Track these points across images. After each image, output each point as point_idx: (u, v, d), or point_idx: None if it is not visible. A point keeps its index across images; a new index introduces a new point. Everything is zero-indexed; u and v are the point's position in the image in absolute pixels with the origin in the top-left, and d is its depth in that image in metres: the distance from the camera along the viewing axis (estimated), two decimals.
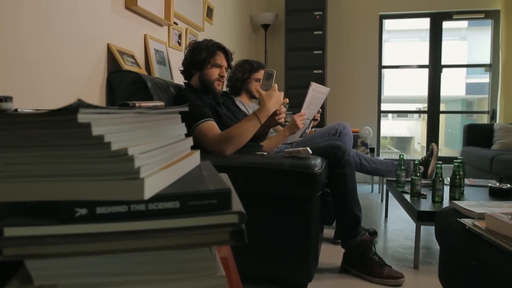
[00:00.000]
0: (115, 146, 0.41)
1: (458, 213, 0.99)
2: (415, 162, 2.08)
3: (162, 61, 2.11)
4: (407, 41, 7.61)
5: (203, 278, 0.44)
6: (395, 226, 2.44)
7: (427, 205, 1.78)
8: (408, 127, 8.93)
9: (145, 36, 1.97)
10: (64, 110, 0.39)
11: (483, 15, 4.00)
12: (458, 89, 7.74)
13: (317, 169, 1.33)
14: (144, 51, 1.98)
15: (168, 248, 0.42)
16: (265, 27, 4.07)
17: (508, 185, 1.94)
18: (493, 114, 3.99)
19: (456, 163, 1.85)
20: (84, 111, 0.39)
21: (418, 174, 1.96)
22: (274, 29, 4.22)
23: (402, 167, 2.25)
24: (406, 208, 1.91)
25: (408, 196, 1.94)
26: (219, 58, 1.77)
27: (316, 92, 1.91)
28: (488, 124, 3.85)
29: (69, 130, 0.40)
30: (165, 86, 1.76)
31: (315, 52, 3.77)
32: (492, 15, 3.98)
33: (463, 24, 7.57)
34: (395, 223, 2.52)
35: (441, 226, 1.06)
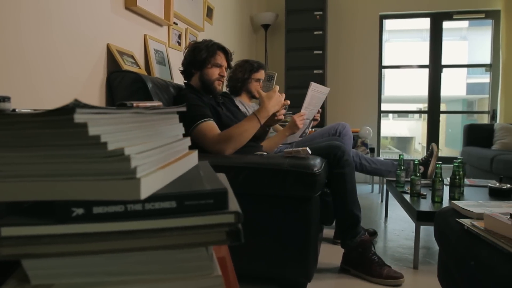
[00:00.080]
0: (112, 146, 0.41)
1: (457, 213, 0.99)
2: (415, 162, 2.08)
3: (162, 61, 2.11)
4: (408, 41, 7.61)
5: (200, 278, 0.44)
6: (395, 226, 2.44)
7: (427, 205, 1.77)
8: (409, 127, 8.93)
9: (145, 36, 1.97)
10: (61, 110, 0.39)
11: (483, 15, 4.00)
12: (459, 89, 7.73)
13: (317, 169, 1.33)
14: (144, 51, 1.98)
15: (165, 248, 0.43)
16: (265, 27, 4.07)
17: (508, 185, 1.94)
18: (494, 114, 3.98)
19: (456, 163, 1.85)
20: (81, 111, 0.39)
21: (418, 174, 1.96)
22: (274, 29, 4.22)
23: (402, 167, 2.25)
24: (406, 208, 1.91)
25: (408, 196, 1.94)
26: (219, 58, 1.77)
27: (316, 92, 1.91)
28: (489, 124, 3.84)
29: (66, 130, 0.40)
30: (165, 86, 1.76)
31: (315, 52, 3.77)
32: (493, 15, 3.97)
33: (464, 24, 7.56)
34: (395, 223, 2.52)
35: (440, 226, 1.06)
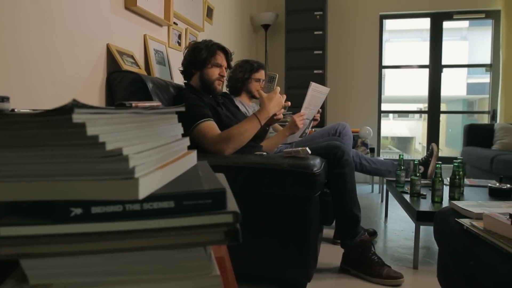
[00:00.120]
0: (110, 146, 0.41)
1: (457, 213, 0.99)
2: (415, 162, 2.08)
3: (162, 61, 2.11)
4: (408, 41, 7.61)
5: (198, 278, 0.44)
6: (395, 226, 2.44)
7: (427, 205, 1.77)
8: (409, 127, 8.93)
9: (145, 36, 1.97)
10: (59, 110, 0.39)
11: (484, 15, 3.99)
12: (459, 89, 7.73)
13: (316, 169, 1.33)
14: (144, 51, 1.98)
15: (163, 248, 0.43)
16: (265, 27, 4.07)
17: (508, 185, 1.94)
18: (494, 114, 3.98)
19: (456, 163, 1.85)
20: (79, 111, 0.39)
21: (418, 174, 1.96)
22: (275, 29, 4.22)
23: (402, 167, 2.24)
24: (406, 208, 1.91)
25: (408, 196, 1.94)
26: (220, 58, 1.77)
27: (316, 92, 1.91)
28: (489, 124, 3.84)
29: (64, 130, 0.40)
30: (165, 86, 1.76)
31: (315, 52, 3.77)
32: (493, 15, 3.97)
33: (464, 24, 7.56)
34: (395, 223, 2.52)
35: (440, 226, 1.06)
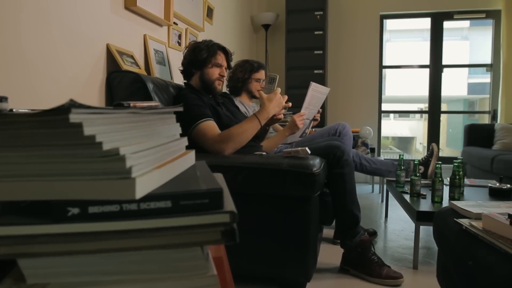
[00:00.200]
0: (107, 146, 0.41)
1: (456, 213, 0.99)
2: (415, 162, 2.08)
3: (162, 61, 2.11)
4: (409, 41, 7.60)
5: (195, 277, 0.44)
6: (395, 226, 2.44)
7: (427, 205, 1.77)
8: (410, 127, 8.91)
9: (145, 36, 1.97)
10: (56, 110, 0.39)
11: (484, 15, 3.99)
12: (460, 89, 7.72)
13: (316, 169, 1.33)
14: (144, 51, 1.98)
15: (160, 248, 0.43)
16: (266, 27, 4.07)
17: (508, 185, 1.94)
18: (494, 114, 3.97)
19: (456, 163, 1.84)
20: (76, 111, 0.39)
21: (418, 174, 1.95)
22: (275, 29, 4.22)
23: (402, 167, 2.24)
24: (406, 208, 1.91)
25: (408, 196, 1.94)
26: (220, 58, 1.78)
27: (316, 92, 1.91)
28: (489, 124, 3.83)
29: (62, 130, 0.41)
30: (165, 86, 1.76)
31: (316, 52, 3.77)
32: (493, 15, 3.97)
33: (465, 24, 7.55)
34: (395, 223, 2.52)
35: (439, 226, 1.06)
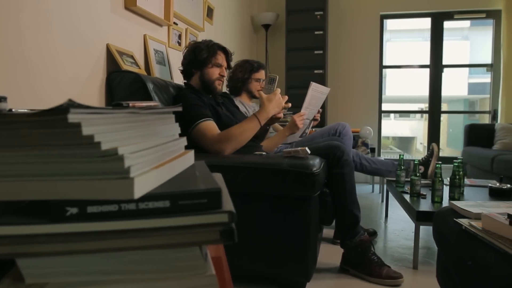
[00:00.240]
0: (105, 146, 0.41)
1: (456, 213, 0.99)
2: (415, 162, 2.08)
3: (162, 61, 2.11)
4: (410, 41, 7.60)
5: (194, 277, 0.44)
6: (395, 226, 2.44)
7: (427, 205, 1.77)
8: (411, 127, 8.90)
9: (145, 36, 1.97)
10: (55, 110, 0.39)
11: (484, 15, 3.99)
12: (461, 89, 7.71)
13: (315, 169, 1.33)
14: (144, 51, 1.98)
15: (159, 247, 0.43)
16: (266, 27, 4.07)
17: (508, 185, 1.93)
18: (495, 114, 3.97)
19: (456, 163, 1.84)
20: (75, 111, 0.39)
21: (418, 174, 1.95)
22: (275, 29, 4.22)
23: (402, 167, 2.24)
24: (406, 208, 1.91)
25: (408, 196, 1.94)
26: (220, 58, 1.78)
27: (316, 92, 1.91)
28: (489, 124, 3.83)
29: (60, 130, 0.41)
30: (165, 86, 1.77)
31: (316, 52, 3.77)
32: (494, 15, 3.96)
33: (466, 24, 7.54)
34: (395, 223, 2.51)
35: (439, 226, 1.06)
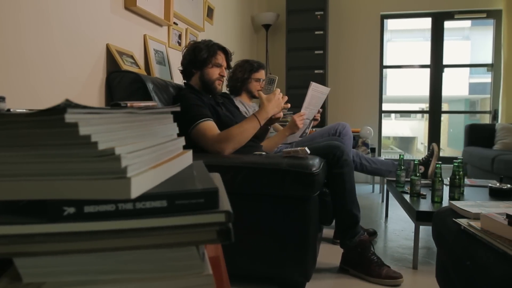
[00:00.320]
0: (102, 146, 0.41)
1: (455, 213, 0.99)
2: (415, 162, 2.08)
3: (162, 61, 2.11)
4: (410, 41, 7.58)
5: (191, 277, 0.45)
6: (395, 226, 2.44)
7: (427, 205, 1.77)
8: (411, 127, 8.89)
9: (145, 36, 1.98)
10: (52, 110, 0.39)
11: (485, 15, 3.98)
12: (462, 89, 7.70)
13: (315, 169, 1.33)
14: (144, 51, 1.98)
15: (156, 247, 0.43)
16: (266, 27, 4.07)
17: (508, 185, 1.93)
18: (495, 114, 3.97)
19: (456, 163, 1.84)
20: (72, 111, 0.39)
21: (418, 174, 1.95)
22: (275, 29, 4.22)
23: (402, 167, 2.24)
24: (406, 208, 1.91)
25: (408, 196, 1.94)
26: (220, 58, 1.78)
27: (316, 92, 1.91)
28: (490, 124, 3.83)
29: (57, 130, 0.41)
30: (165, 86, 1.77)
31: (316, 52, 3.77)
32: (494, 15, 3.96)
33: (467, 24, 7.52)
34: (395, 223, 2.51)
35: (438, 226, 1.06)
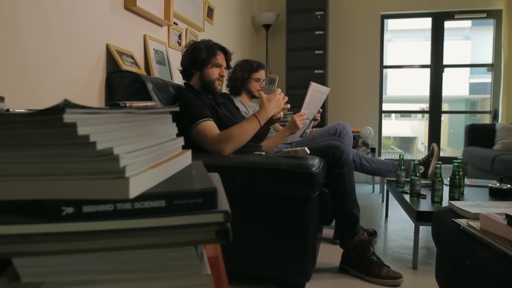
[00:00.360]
0: (101, 146, 0.41)
1: (455, 213, 0.99)
2: (415, 162, 2.08)
3: (162, 61, 2.11)
4: (411, 41, 7.58)
5: (189, 277, 0.45)
6: (395, 226, 2.44)
7: (426, 205, 1.77)
8: (412, 127, 8.88)
9: (145, 36, 1.98)
10: (51, 110, 0.39)
11: (485, 15, 3.98)
12: (462, 89, 7.69)
13: (315, 169, 1.33)
14: (144, 51, 1.98)
15: (154, 247, 0.43)
16: (266, 27, 4.07)
17: (508, 186, 1.93)
18: (495, 114, 3.96)
19: (456, 163, 1.84)
20: (70, 111, 0.39)
21: (418, 174, 1.95)
22: (276, 29, 4.22)
23: (402, 167, 2.24)
24: (405, 208, 1.91)
25: (408, 196, 1.94)
26: (220, 58, 1.78)
27: (316, 92, 1.91)
28: (490, 124, 3.82)
29: (56, 130, 0.41)
30: (164, 86, 1.77)
31: (316, 52, 3.77)
32: (494, 15, 3.96)
33: (467, 24, 7.52)
34: (395, 223, 2.51)
35: (437, 227, 1.06)
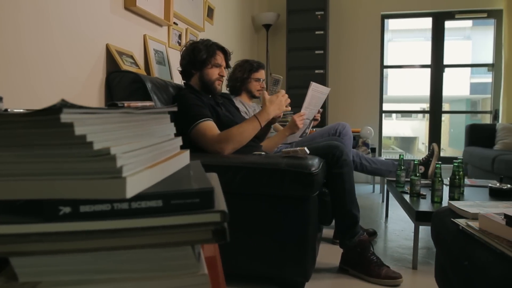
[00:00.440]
0: (98, 146, 0.41)
1: (454, 213, 0.99)
2: (415, 162, 2.08)
3: (162, 61, 2.12)
4: (411, 41, 7.57)
5: (186, 276, 0.45)
6: (395, 226, 2.44)
7: (426, 205, 1.77)
8: (412, 127, 8.88)
9: (145, 36, 1.98)
10: (48, 110, 0.39)
11: (486, 15, 3.97)
12: (463, 89, 7.68)
13: (314, 169, 1.33)
14: (144, 51, 1.99)
15: (151, 246, 0.43)
16: (267, 27, 4.07)
17: (509, 186, 1.93)
18: (496, 114, 3.96)
19: (456, 163, 1.84)
20: (67, 111, 0.39)
21: (418, 174, 1.95)
22: (276, 29, 4.23)
23: (402, 167, 2.24)
24: (405, 208, 1.91)
25: (408, 196, 1.94)
26: (219, 58, 1.78)
27: (316, 92, 1.91)
28: (491, 124, 3.82)
29: (53, 130, 0.41)
30: (164, 86, 1.77)
31: (317, 52, 3.77)
32: (495, 15, 3.95)
33: (468, 24, 7.51)
34: (395, 223, 2.51)
35: (437, 227, 1.06)
